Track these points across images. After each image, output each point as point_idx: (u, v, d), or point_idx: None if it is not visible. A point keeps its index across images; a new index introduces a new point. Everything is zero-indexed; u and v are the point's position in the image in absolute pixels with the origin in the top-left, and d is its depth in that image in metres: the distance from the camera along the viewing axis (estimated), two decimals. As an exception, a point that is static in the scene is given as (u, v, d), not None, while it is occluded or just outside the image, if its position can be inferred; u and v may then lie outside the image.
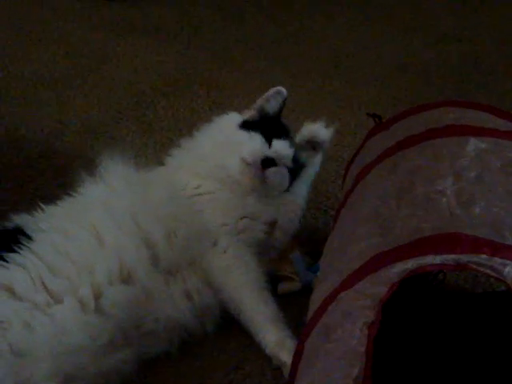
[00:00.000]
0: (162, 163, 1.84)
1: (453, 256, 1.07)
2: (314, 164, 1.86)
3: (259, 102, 1.87)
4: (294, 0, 3.49)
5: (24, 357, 1.36)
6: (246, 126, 1.80)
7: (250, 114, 1.86)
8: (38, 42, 3.02)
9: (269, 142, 1.77)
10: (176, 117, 2.51)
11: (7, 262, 1.45)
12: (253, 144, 1.75)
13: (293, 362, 1.24)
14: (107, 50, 2.98)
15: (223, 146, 1.77)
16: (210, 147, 1.79)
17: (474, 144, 1.28)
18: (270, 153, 1.74)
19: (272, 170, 1.73)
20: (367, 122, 1.80)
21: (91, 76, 2.77)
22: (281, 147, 1.77)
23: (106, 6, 3.36)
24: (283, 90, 1.86)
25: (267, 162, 1.72)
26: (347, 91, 2.69)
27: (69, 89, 2.67)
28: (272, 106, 1.86)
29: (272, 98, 1.86)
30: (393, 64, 2.90)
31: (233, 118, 1.85)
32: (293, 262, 1.77)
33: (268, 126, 1.80)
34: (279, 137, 1.78)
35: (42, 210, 1.63)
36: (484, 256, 1.05)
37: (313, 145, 1.84)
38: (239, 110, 2.47)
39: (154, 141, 2.34)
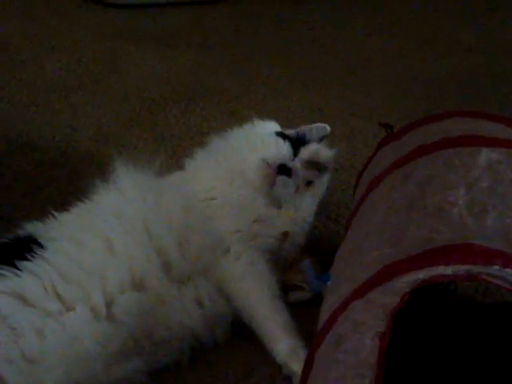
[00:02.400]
0: (176, 170, 1.84)
1: (464, 267, 1.07)
2: (322, 184, 1.86)
3: (303, 128, 1.90)
4: (307, 10, 3.49)
5: (36, 364, 1.37)
6: (280, 135, 1.84)
7: (289, 131, 1.89)
8: (50, 49, 3.04)
9: (294, 156, 1.81)
10: (187, 125, 2.51)
11: (20, 270, 1.45)
12: (279, 149, 1.79)
13: (303, 371, 1.24)
14: (119, 57, 2.98)
15: (252, 143, 1.81)
16: (237, 145, 1.82)
17: (486, 155, 1.28)
18: (290, 163, 1.77)
19: (283, 178, 1.74)
20: (379, 131, 1.80)
21: (103, 83, 2.78)
22: (312, 149, 1.83)
23: (119, 15, 3.37)
24: (329, 128, 1.91)
25: (283, 170, 1.75)
26: (359, 100, 2.68)
27: (81, 96, 2.68)
28: (311, 136, 1.88)
29: (316, 130, 1.90)
30: (405, 74, 2.89)
31: (271, 125, 1.90)
32: (303, 270, 1.77)
33: (299, 145, 1.84)
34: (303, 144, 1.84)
35: (54, 217, 1.63)
36: (496, 267, 1.05)
37: (315, 165, 1.83)
38: (249, 119, 2.49)
39: (165, 148, 2.34)
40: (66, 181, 2.17)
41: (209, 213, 1.71)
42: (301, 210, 1.80)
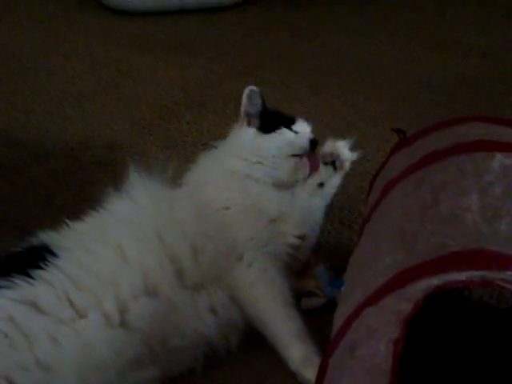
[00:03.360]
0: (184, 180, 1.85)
1: (478, 272, 1.07)
2: (332, 186, 1.84)
3: (243, 109, 1.88)
4: (318, 16, 3.49)
5: (50, 371, 1.37)
6: (265, 129, 1.85)
7: (243, 122, 1.88)
8: (64, 57, 3.05)
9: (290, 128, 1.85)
10: (200, 131, 2.52)
11: (33, 278, 1.46)
12: (293, 136, 1.84)
13: (317, 378, 1.23)
14: (132, 65, 2.99)
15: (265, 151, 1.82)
16: (237, 175, 1.81)
17: (499, 160, 1.28)
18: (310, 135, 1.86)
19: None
20: (391, 136, 1.79)
21: (116, 91, 2.79)
22: (304, 127, 1.90)
23: (132, 22, 3.38)
24: (253, 87, 1.89)
25: (314, 143, 1.84)
26: (371, 106, 2.68)
27: (93, 103, 2.69)
28: (256, 106, 1.88)
29: (251, 99, 1.88)
30: (417, 79, 2.89)
31: (248, 133, 1.87)
32: (316, 276, 1.77)
33: (273, 118, 1.87)
34: (291, 122, 1.88)
35: (67, 225, 1.64)
36: (510, 272, 1.05)
37: (333, 162, 1.83)
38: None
39: (177, 155, 2.35)
40: (79, 188, 2.17)
41: (222, 220, 1.71)
42: (310, 212, 1.80)
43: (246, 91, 1.87)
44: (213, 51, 3.16)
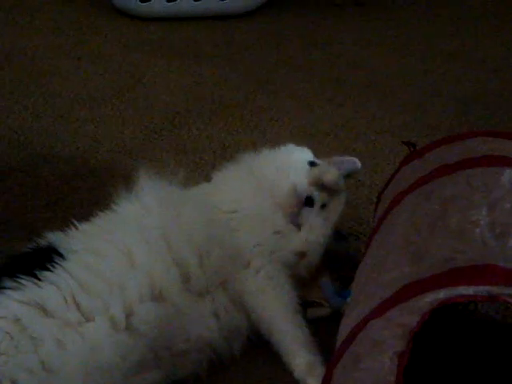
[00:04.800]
0: (198, 183, 1.85)
1: (485, 287, 1.07)
2: (335, 207, 1.83)
3: (335, 158, 1.88)
4: (332, 26, 3.49)
5: (56, 374, 1.38)
6: (311, 165, 1.83)
7: (320, 161, 1.86)
8: (76, 60, 3.05)
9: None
10: (210, 138, 2.52)
11: (40, 280, 1.46)
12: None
13: (321, 389, 1.23)
14: (144, 70, 3.00)
15: (286, 168, 1.80)
16: (269, 166, 1.81)
17: (509, 175, 1.28)
18: (315, 195, 1.78)
19: (307, 209, 1.76)
20: (401, 148, 1.79)
21: (127, 95, 2.79)
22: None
23: (145, 27, 3.39)
24: (359, 165, 1.88)
25: (309, 201, 1.76)
26: (382, 116, 2.68)
27: (104, 108, 2.70)
28: (341, 169, 1.85)
29: (346, 164, 1.88)
30: (429, 90, 2.88)
31: (305, 153, 1.88)
32: (323, 287, 1.77)
33: None
34: None
35: (76, 227, 1.64)
36: (517, 288, 1.04)
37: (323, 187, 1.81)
38: (273, 133, 2.49)
39: (187, 161, 2.35)
40: (88, 192, 2.18)
41: (230, 226, 1.72)
42: (314, 232, 1.79)
43: (353, 159, 1.90)
44: (225, 58, 3.16)
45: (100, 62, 3.05)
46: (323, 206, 1.79)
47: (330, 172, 1.78)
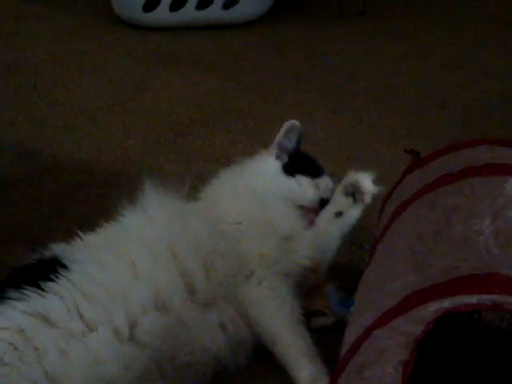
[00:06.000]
0: (200, 194, 1.85)
1: (489, 296, 1.06)
2: (350, 217, 1.80)
3: (277, 140, 1.87)
4: (335, 35, 3.50)
5: (59, 384, 1.37)
6: (288, 170, 1.83)
7: (273, 152, 1.86)
8: (79, 71, 3.06)
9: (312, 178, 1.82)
10: (213, 147, 2.52)
11: (44, 290, 1.47)
12: (306, 189, 1.80)
13: (326, 398, 1.23)
14: (147, 79, 3.00)
15: (272, 195, 1.80)
16: (254, 192, 1.81)
17: (512, 183, 1.28)
18: (322, 193, 1.81)
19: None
20: (404, 156, 1.79)
21: (130, 105, 2.80)
22: (327, 184, 1.84)
23: (149, 37, 3.40)
24: (296, 123, 1.88)
25: (324, 203, 1.79)
26: (385, 125, 2.68)
27: (109, 117, 2.70)
28: (291, 143, 1.87)
29: (288, 134, 1.87)
30: (432, 99, 2.89)
31: (273, 166, 1.86)
32: (326, 296, 1.77)
33: (300, 163, 1.85)
34: (318, 173, 1.84)
35: (80, 238, 1.64)
36: (521, 297, 1.04)
37: (353, 193, 1.80)
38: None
39: (191, 171, 2.35)
40: (92, 202, 2.18)
41: (234, 237, 1.71)
42: (324, 240, 1.78)
43: (287, 125, 1.87)
44: (228, 68, 3.16)
45: (104, 71, 3.06)
46: (339, 214, 1.78)
47: (371, 184, 1.78)
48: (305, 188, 1.81)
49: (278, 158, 1.86)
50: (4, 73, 3.01)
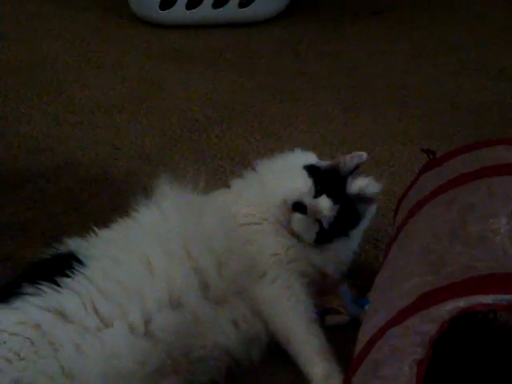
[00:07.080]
0: (218, 190, 1.85)
1: (505, 296, 1.06)
2: (366, 217, 1.82)
3: (341, 159, 1.80)
4: (350, 34, 3.50)
5: (75, 379, 1.38)
6: (310, 169, 1.78)
7: (326, 163, 1.83)
8: (96, 68, 3.07)
9: (318, 195, 1.74)
10: (229, 145, 2.52)
11: (60, 286, 1.48)
12: (299, 186, 1.74)
13: (339, 396, 1.23)
14: (163, 77, 3.01)
15: (281, 174, 1.79)
16: (273, 173, 1.81)
17: (529, 184, 1.28)
18: (307, 201, 1.73)
19: (297, 216, 1.72)
20: (420, 156, 1.79)
21: (146, 102, 2.81)
22: (322, 204, 1.72)
23: (165, 35, 3.40)
24: (365, 156, 1.81)
25: (298, 207, 1.72)
26: (400, 125, 2.68)
27: (124, 115, 2.71)
28: (346, 166, 1.79)
29: (350, 159, 1.79)
30: (447, 100, 2.88)
31: (304, 157, 1.84)
32: (341, 294, 1.77)
33: (330, 182, 1.76)
34: (330, 195, 1.74)
35: (95, 234, 1.65)
36: (537, 297, 1.04)
37: (363, 199, 1.80)
38: (290, 141, 2.49)
39: (206, 168, 2.35)
40: (108, 198, 2.19)
41: (248, 235, 1.72)
42: (343, 245, 1.79)
43: (357, 154, 1.80)
44: (244, 66, 3.17)
45: (120, 69, 3.07)
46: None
47: (374, 185, 1.78)
48: (298, 184, 1.74)
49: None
50: (21, 70, 3.03)
